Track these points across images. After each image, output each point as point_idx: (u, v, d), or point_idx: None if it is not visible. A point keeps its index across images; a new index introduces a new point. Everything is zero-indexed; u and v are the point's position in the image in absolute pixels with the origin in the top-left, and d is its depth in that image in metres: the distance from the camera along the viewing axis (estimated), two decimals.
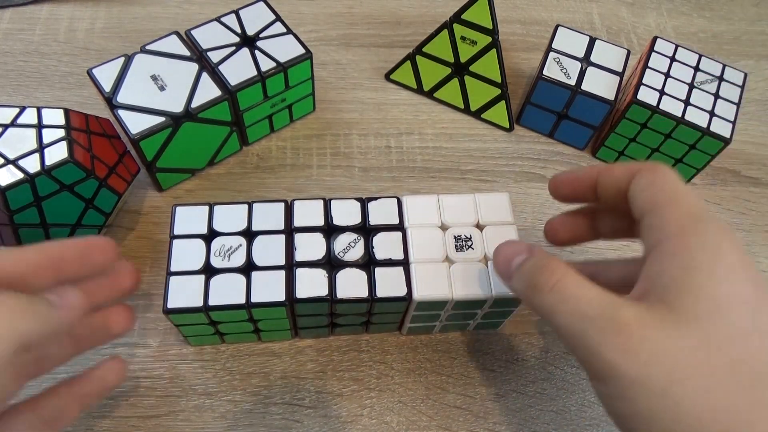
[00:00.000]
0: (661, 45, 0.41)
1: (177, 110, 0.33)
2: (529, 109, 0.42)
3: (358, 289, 0.28)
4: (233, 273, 0.28)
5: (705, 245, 0.22)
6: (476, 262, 0.29)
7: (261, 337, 0.32)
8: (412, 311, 0.29)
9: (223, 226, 0.29)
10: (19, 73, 0.42)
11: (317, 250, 0.29)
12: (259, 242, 0.29)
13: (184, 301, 0.27)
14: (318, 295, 0.28)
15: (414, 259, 0.29)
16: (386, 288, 0.28)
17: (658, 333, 0.21)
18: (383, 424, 0.31)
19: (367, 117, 0.43)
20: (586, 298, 0.22)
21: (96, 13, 0.46)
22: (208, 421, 0.31)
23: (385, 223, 0.30)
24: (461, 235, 0.30)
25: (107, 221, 0.34)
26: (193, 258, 0.28)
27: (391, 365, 0.33)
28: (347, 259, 0.29)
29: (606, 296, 0.22)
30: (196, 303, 0.27)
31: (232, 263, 0.28)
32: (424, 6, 0.51)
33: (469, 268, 0.29)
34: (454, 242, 0.29)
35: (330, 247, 0.29)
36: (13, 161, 0.29)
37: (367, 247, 0.29)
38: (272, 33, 0.38)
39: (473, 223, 0.30)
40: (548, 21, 0.51)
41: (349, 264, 0.29)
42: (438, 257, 0.29)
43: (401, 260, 0.29)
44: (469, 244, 0.30)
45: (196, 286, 0.27)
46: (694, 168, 0.39)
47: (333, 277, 0.28)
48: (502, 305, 0.30)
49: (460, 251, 0.29)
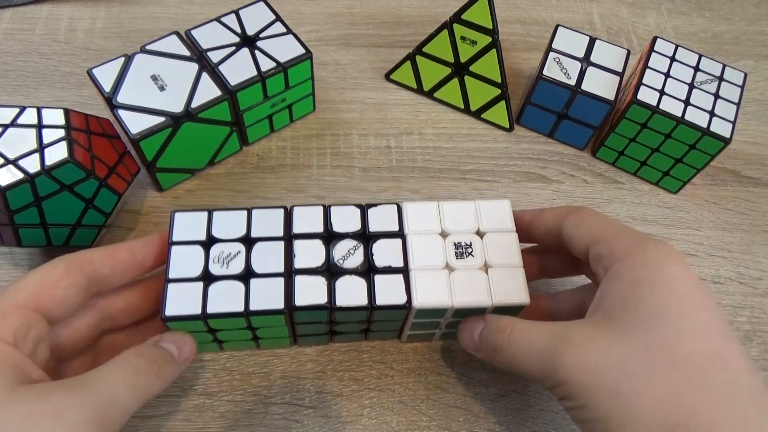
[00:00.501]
0: (661, 45, 0.41)
1: (177, 110, 0.33)
2: (529, 109, 0.42)
3: (358, 297, 0.28)
4: (232, 280, 0.28)
5: (647, 262, 0.24)
6: (476, 270, 0.29)
7: (260, 345, 0.32)
8: (411, 319, 0.29)
9: (222, 232, 0.29)
10: (19, 73, 0.42)
11: (316, 257, 0.28)
12: (258, 249, 0.29)
13: (183, 309, 0.27)
14: (317, 303, 0.27)
15: (414, 266, 0.29)
16: (386, 296, 0.28)
17: (603, 343, 0.23)
18: (383, 424, 0.31)
19: (367, 117, 0.43)
20: (537, 335, 0.25)
21: (96, 13, 0.46)
22: (208, 421, 0.31)
23: (385, 230, 0.30)
24: (461, 242, 0.29)
25: (107, 221, 0.34)
26: (191, 265, 0.28)
27: (391, 365, 0.33)
28: (347, 266, 0.28)
29: (554, 326, 0.25)
30: (195, 311, 0.27)
31: (230, 270, 0.28)
32: (424, 6, 0.51)
33: (469, 275, 0.29)
34: (454, 249, 0.29)
35: (329, 254, 0.29)
36: (13, 161, 0.29)
37: (366, 254, 0.29)
38: (272, 33, 0.38)
39: (474, 230, 0.30)
40: (548, 21, 0.51)
41: (349, 271, 0.28)
42: (438, 265, 0.29)
43: (401, 268, 0.29)
44: (470, 251, 0.29)
45: (195, 294, 0.27)
46: (694, 168, 0.39)
47: (332, 285, 0.28)
48: (503, 313, 0.30)
49: (461, 258, 0.29)
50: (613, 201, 0.41)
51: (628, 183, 0.42)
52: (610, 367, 0.23)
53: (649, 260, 0.24)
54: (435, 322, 0.30)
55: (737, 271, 0.38)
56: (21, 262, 0.35)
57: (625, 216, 0.40)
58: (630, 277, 0.24)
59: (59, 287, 0.25)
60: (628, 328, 0.23)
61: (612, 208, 0.40)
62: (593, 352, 0.23)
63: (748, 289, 0.38)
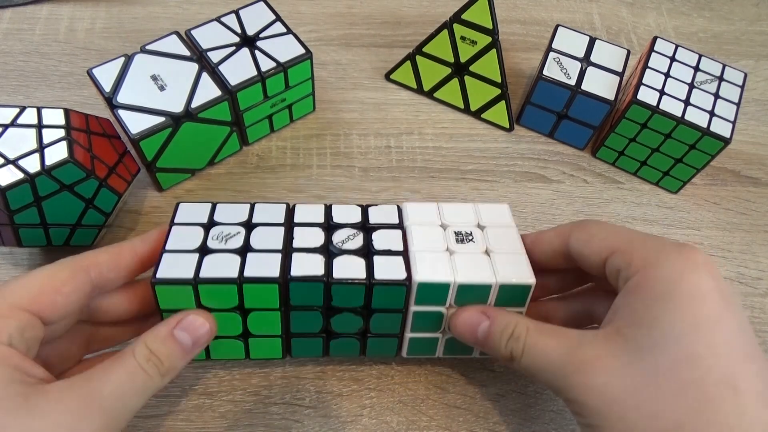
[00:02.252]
0: (661, 45, 0.41)
1: (177, 110, 0.33)
2: (529, 109, 0.42)
3: (356, 272, 0.27)
4: (229, 254, 0.27)
5: (665, 275, 0.23)
6: (479, 254, 0.28)
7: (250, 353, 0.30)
8: (412, 307, 0.28)
9: (224, 219, 0.29)
10: (19, 73, 0.42)
11: (316, 240, 0.28)
12: (258, 231, 0.28)
13: (174, 272, 0.26)
14: (313, 274, 0.26)
15: (414, 248, 0.28)
16: (385, 272, 0.27)
17: (613, 363, 0.23)
18: (383, 424, 0.31)
19: (367, 117, 0.43)
20: (551, 347, 0.25)
21: (96, 13, 0.46)
22: (208, 421, 0.31)
23: (385, 222, 0.29)
24: (461, 231, 0.29)
25: (107, 221, 0.34)
26: (190, 240, 0.27)
27: (391, 365, 0.33)
28: (346, 248, 0.28)
29: (567, 338, 0.25)
30: (187, 275, 0.26)
31: (229, 246, 0.27)
32: (424, 6, 0.51)
33: (471, 257, 0.28)
34: (454, 237, 0.29)
35: (329, 239, 0.28)
36: (13, 161, 0.29)
37: (366, 240, 0.28)
38: (272, 33, 0.38)
39: (474, 224, 0.30)
40: (548, 21, 0.51)
41: (348, 252, 0.28)
42: (439, 248, 0.28)
43: (401, 251, 0.28)
44: (470, 238, 0.29)
45: (189, 262, 0.26)
46: (694, 168, 0.39)
47: (330, 262, 0.27)
48: (509, 298, 0.29)
49: (461, 243, 0.29)
50: (613, 201, 0.41)
51: (628, 183, 0.42)
52: (618, 391, 0.22)
53: (668, 273, 0.23)
54: (437, 314, 0.29)
55: (737, 271, 0.38)
56: (21, 262, 0.35)
57: (625, 216, 0.40)
58: (646, 293, 0.23)
59: (61, 293, 0.24)
60: (640, 348, 0.22)
61: (612, 208, 0.40)
62: (603, 374, 0.23)
63: (748, 289, 0.38)
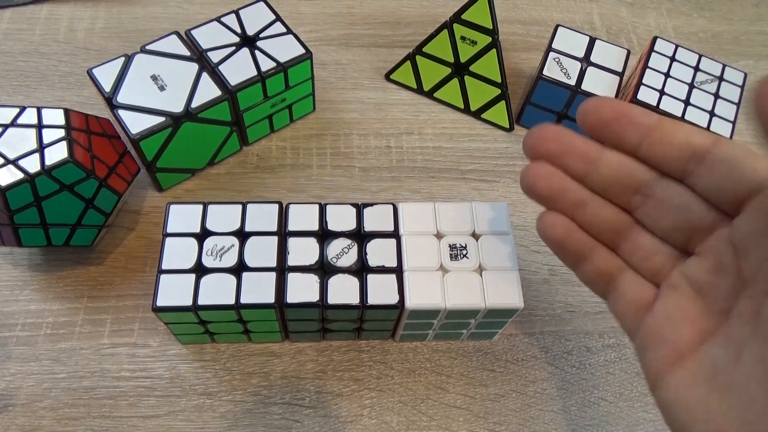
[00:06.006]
0: (661, 45, 0.41)
1: (177, 110, 0.33)
2: (529, 109, 0.42)
3: (350, 296, 0.28)
4: (224, 273, 0.28)
5: None
6: (470, 272, 0.29)
7: (251, 339, 0.32)
8: (404, 319, 0.29)
9: (217, 225, 0.29)
10: (19, 73, 0.42)
11: (310, 255, 0.29)
12: (251, 243, 0.29)
13: (174, 300, 0.27)
14: (308, 300, 0.27)
15: (408, 267, 0.29)
16: (378, 296, 0.28)
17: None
18: (383, 424, 0.31)
19: (367, 117, 0.43)
20: None
21: (96, 13, 0.46)
22: (208, 421, 0.31)
23: (380, 229, 0.30)
24: (456, 244, 0.29)
25: (107, 221, 0.34)
26: (184, 256, 0.28)
27: (391, 365, 0.33)
28: (340, 264, 0.28)
29: None
30: (186, 302, 0.27)
31: (223, 263, 0.28)
32: (424, 6, 0.51)
33: (463, 277, 0.29)
34: (449, 251, 0.29)
35: (323, 253, 0.29)
36: (13, 161, 0.29)
37: (360, 254, 0.29)
38: (272, 33, 0.38)
39: (469, 232, 0.30)
40: (548, 21, 0.51)
41: (342, 270, 0.28)
42: (432, 266, 0.29)
43: (394, 268, 0.29)
44: (464, 253, 0.29)
45: (187, 286, 0.27)
46: None
47: (324, 283, 0.28)
48: (496, 316, 0.30)
49: (455, 260, 0.29)
50: None
51: None
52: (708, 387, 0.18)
53: None
54: (428, 323, 0.30)
55: None
56: (21, 262, 0.35)
57: None
58: None
59: None
60: (753, 338, 0.17)
61: None
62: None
63: None
